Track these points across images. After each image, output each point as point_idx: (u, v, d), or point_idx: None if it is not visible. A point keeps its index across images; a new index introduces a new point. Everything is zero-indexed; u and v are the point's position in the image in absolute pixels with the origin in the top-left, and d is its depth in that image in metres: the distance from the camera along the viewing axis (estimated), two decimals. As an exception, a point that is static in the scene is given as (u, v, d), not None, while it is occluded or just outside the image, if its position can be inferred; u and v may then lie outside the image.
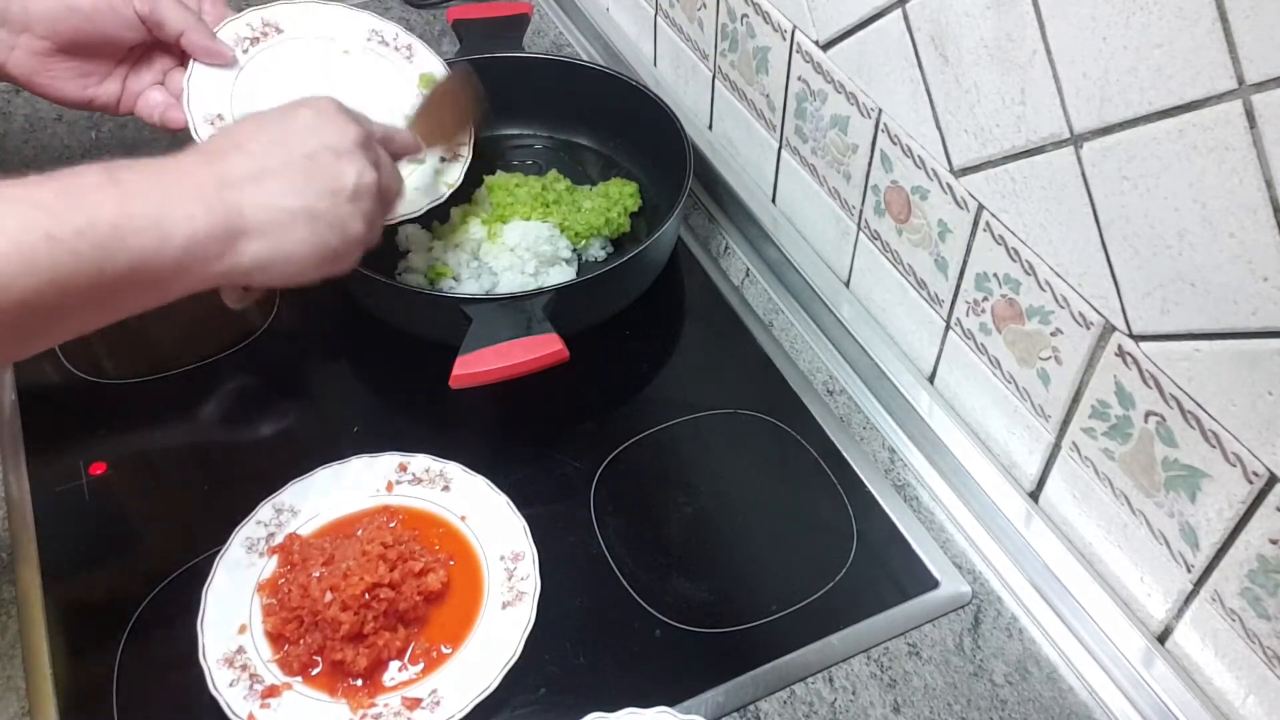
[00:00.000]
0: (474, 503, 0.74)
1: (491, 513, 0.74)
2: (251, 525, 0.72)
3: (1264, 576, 0.58)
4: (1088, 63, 0.58)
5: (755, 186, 0.98)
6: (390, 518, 0.72)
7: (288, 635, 0.66)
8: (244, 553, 0.71)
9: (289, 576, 0.69)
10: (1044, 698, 0.68)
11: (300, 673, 0.66)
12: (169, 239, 0.60)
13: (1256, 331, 0.54)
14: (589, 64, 1.03)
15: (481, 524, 0.73)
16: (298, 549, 0.70)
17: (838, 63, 0.80)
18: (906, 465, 0.81)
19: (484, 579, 0.70)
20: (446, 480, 0.76)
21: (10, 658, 0.67)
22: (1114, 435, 0.65)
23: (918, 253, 0.78)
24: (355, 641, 0.65)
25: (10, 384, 0.82)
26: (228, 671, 0.65)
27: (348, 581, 0.66)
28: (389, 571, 0.67)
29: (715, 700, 0.67)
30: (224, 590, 0.69)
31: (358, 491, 0.75)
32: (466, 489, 0.75)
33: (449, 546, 0.72)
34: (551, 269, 0.88)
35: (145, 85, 0.82)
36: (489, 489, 0.75)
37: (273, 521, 0.73)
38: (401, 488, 0.75)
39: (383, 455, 0.77)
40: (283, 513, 0.73)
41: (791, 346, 0.89)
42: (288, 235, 0.65)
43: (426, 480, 0.76)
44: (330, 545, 0.70)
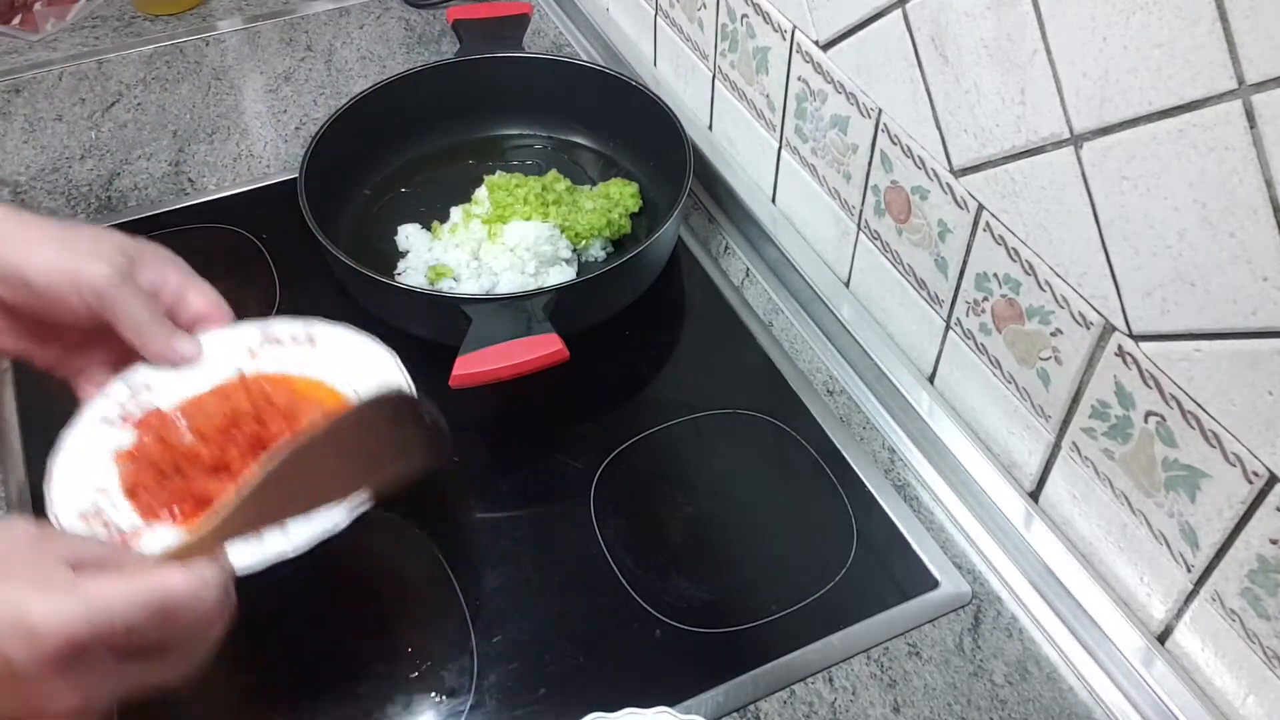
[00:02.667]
0: (341, 352, 0.70)
1: (362, 358, 0.69)
2: (103, 401, 0.65)
3: (1264, 576, 0.58)
4: (1088, 63, 0.58)
5: (755, 186, 0.98)
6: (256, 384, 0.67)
7: (149, 484, 0.61)
8: (97, 425, 0.64)
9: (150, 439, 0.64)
10: (1044, 698, 0.68)
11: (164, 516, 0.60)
12: None
13: (1256, 331, 0.54)
14: (589, 64, 1.03)
15: (351, 370, 0.68)
16: (159, 421, 0.65)
17: (838, 63, 0.80)
18: (906, 465, 0.81)
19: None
20: (311, 338, 0.70)
21: (10, 658, 0.67)
22: (1114, 435, 0.65)
23: (918, 253, 0.78)
24: (220, 473, 0.61)
25: (10, 383, 0.82)
26: (83, 527, 0.59)
27: (204, 413, 0.62)
28: (248, 401, 0.63)
29: (715, 700, 0.67)
30: (76, 459, 0.63)
31: (217, 364, 0.68)
32: (333, 341, 0.70)
33: (317, 393, 0.67)
34: (551, 269, 0.88)
35: (92, 364, 0.68)
36: (356, 335, 0.70)
37: (130, 400, 0.66)
38: (265, 351, 0.69)
39: (241, 325, 0.70)
40: (138, 391, 0.66)
41: (791, 346, 0.89)
42: None
43: (290, 342, 0.70)
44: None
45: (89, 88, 1.11)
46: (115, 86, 1.11)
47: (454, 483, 0.78)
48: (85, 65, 1.13)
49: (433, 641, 0.69)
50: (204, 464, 0.62)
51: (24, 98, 1.09)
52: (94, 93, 1.10)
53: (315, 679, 0.67)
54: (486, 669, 0.68)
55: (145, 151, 1.04)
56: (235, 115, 1.08)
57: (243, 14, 1.22)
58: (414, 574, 0.72)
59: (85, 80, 1.12)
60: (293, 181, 0.86)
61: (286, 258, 0.93)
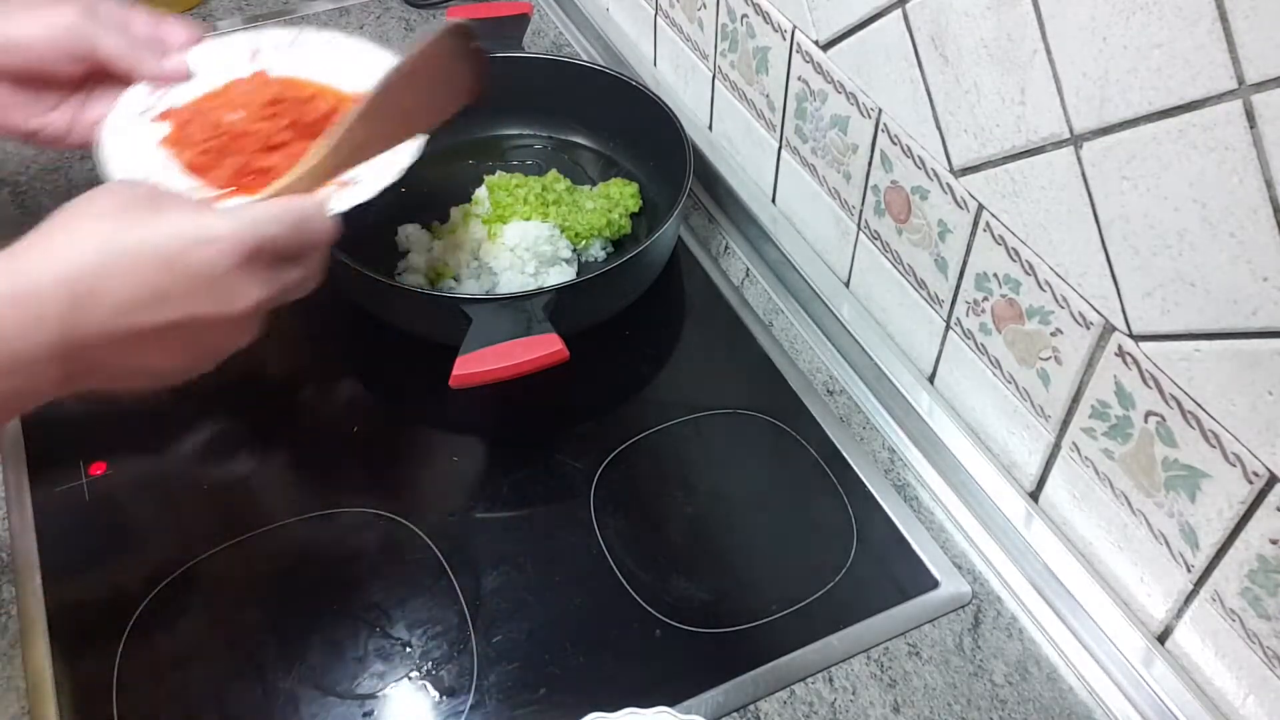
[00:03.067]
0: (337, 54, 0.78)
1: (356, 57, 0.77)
2: (127, 102, 0.73)
3: (1264, 576, 0.58)
4: (1088, 63, 0.58)
5: (755, 186, 0.98)
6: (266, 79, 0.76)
7: (208, 164, 0.69)
8: (132, 119, 0.72)
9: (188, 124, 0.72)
10: (1044, 698, 0.68)
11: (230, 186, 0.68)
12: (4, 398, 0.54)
13: (1256, 331, 0.54)
14: (589, 64, 1.03)
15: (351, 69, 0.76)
16: (191, 111, 0.73)
17: (838, 63, 0.80)
18: (906, 465, 0.81)
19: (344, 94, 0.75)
20: (301, 43, 0.79)
21: (10, 658, 0.67)
22: (1114, 435, 0.65)
23: (918, 253, 0.78)
24: (275, 150, 0.69)
25: (10, 384, 0.82)
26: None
27: (247, 99, 0.71)
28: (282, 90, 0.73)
29: (715, 700, 0.67)
30: (122, 150, 0.70)
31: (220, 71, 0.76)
32: (322, 44, 0.79)
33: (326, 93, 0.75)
34: (551, 269, 0.88)
35: (99, 115, 0.75)
36: (346, 37, 0.79)
37: (151, 96, 0.74)
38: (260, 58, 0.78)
39: (230, 35, 0.79)
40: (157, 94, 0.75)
41: (791, 346, 0.89)
42: (128, 381, 0.59)
43: (285, 47, 0.78)
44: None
45: (89, 88, 1.11)
46: (115, 86, 1.11)
47: (454, 483, 0.78)
48: (85, 65, 1.13)
49: (433, 642, 0.69)
50: (257, 142, 0.69)
51: (24, 98, 1.09)
52: (94, 93, 1.10)
53: (315, 679, 0.67)
54: (486, 669, 0.68)
55: (145, 151, 1.03)
56: (235, 115, 1.08)
57: (243, 14, 1.22)
58: (414, 574, 0.72)
59: (85, 80, 1.11)
60: (293, 181, 0.86)
61: (286, 258, 0.93)
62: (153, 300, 0.55)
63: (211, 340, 0.60)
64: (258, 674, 0.67)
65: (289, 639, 0.69)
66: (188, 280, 0.56)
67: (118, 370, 0.58)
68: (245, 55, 0.79)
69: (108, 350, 0.55)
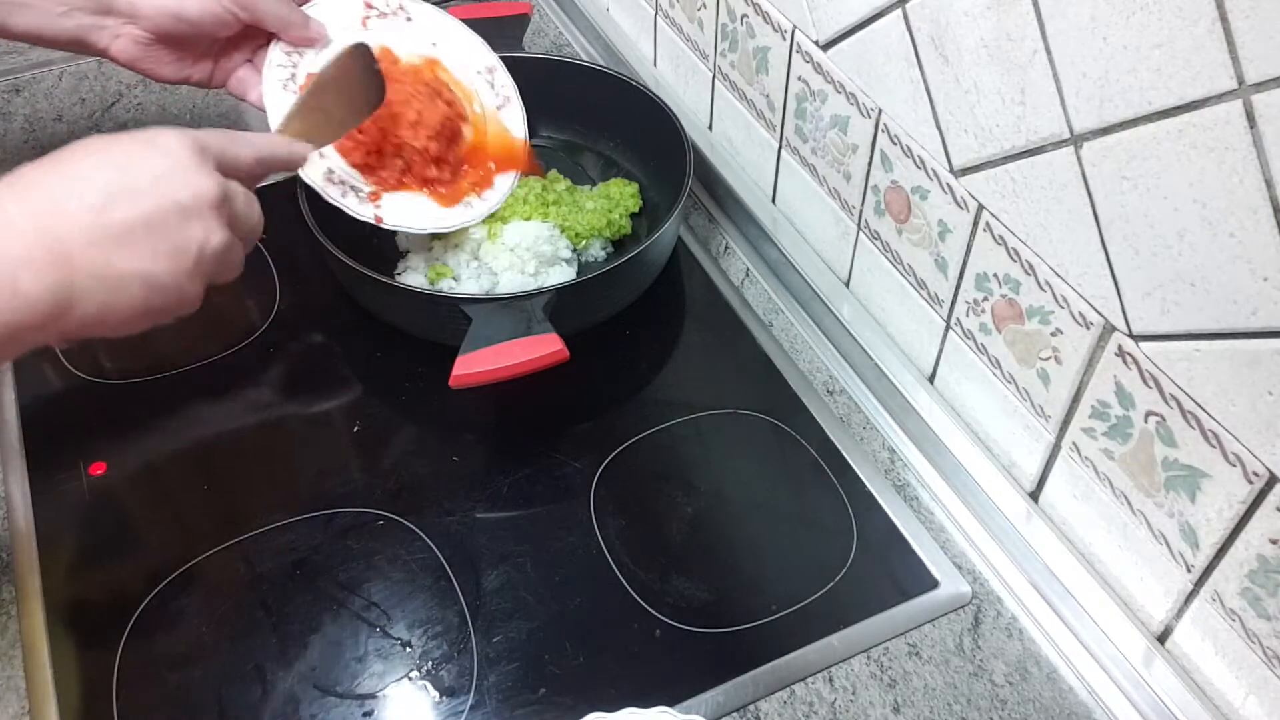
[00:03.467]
0: (437, 29, 0.91)
1: (454, 35, 0.90)
2: (274, 68, 0.84)
3: (1264, 576, 0.58)
4: (1088, 63, 0.58)
5: (755, 186, 0.98)
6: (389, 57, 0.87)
7: (373, 164, 0.84)
8: (280, 90, 0.83)
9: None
10: (1044, 698, 0.68)
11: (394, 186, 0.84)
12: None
13: (1256, 331, 0.54)
14: (589, 64, 1.03)
15: (451, 47, 0.90)
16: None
17: (838, 63, 0.80)
18: (906, 465, 0.81)
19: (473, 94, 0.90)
20: (408, 13, 0.90)
21: (10, 658, 0.67)
22: (1114, 435, 0.65)
23: (918, 253, 0.78)
24: (438, 162, 0.85)
25: (10, 384, 0.82)
26: (334, 188, 0.82)
27: (423, 118, 0.84)
28: (446, 106, 0.86)
29: (715, 700, 0.67)
30: None
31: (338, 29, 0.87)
32: (425, 19, 0.90)
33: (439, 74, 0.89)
34: (551, 269, 0.88)
35: (236, 64, 0.87)
36: (442, 15, 0.90)
37: (288, 61, 0.85)
38: (372, 22, 0.89)
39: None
40: (291, 53, 0.85)
41: (791, 346, 0.89)
42: (118, 300, 0.59)
43: (390, 14, 0.89)
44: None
45: (89, 88, 1.11)
46: (115, 86, 1.11)
47: (454, 483, 0.78)
48: (85, 65, 1.13)
49: (433, 642, 0.69)
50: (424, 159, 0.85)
51: (24, 98, 1.09)
52: (94, 93, 1.10)
53: (315, 678, 0.67)
54: (486, 669, 0.68)
55: (145, 151, 1.04)
56: (235, 115, 1.08)
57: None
58: (414, 574, 0.72)
59: (85, 80, 1.12)
60: (293, 181, 0.86)
61: (286, 258, 0.93)
62: (122, 194, 0.59)
63: (185, 235, 0.61)
64: (258, 674, 0.67)
65: (289, 639, 0.69)
66: (150, 172, 0.61)
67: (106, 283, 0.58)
68: (356, 17, 0.89)
69: (92, 252, 0.58)
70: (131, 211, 0.59)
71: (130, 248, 0.59)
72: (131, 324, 0.62)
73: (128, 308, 0.60)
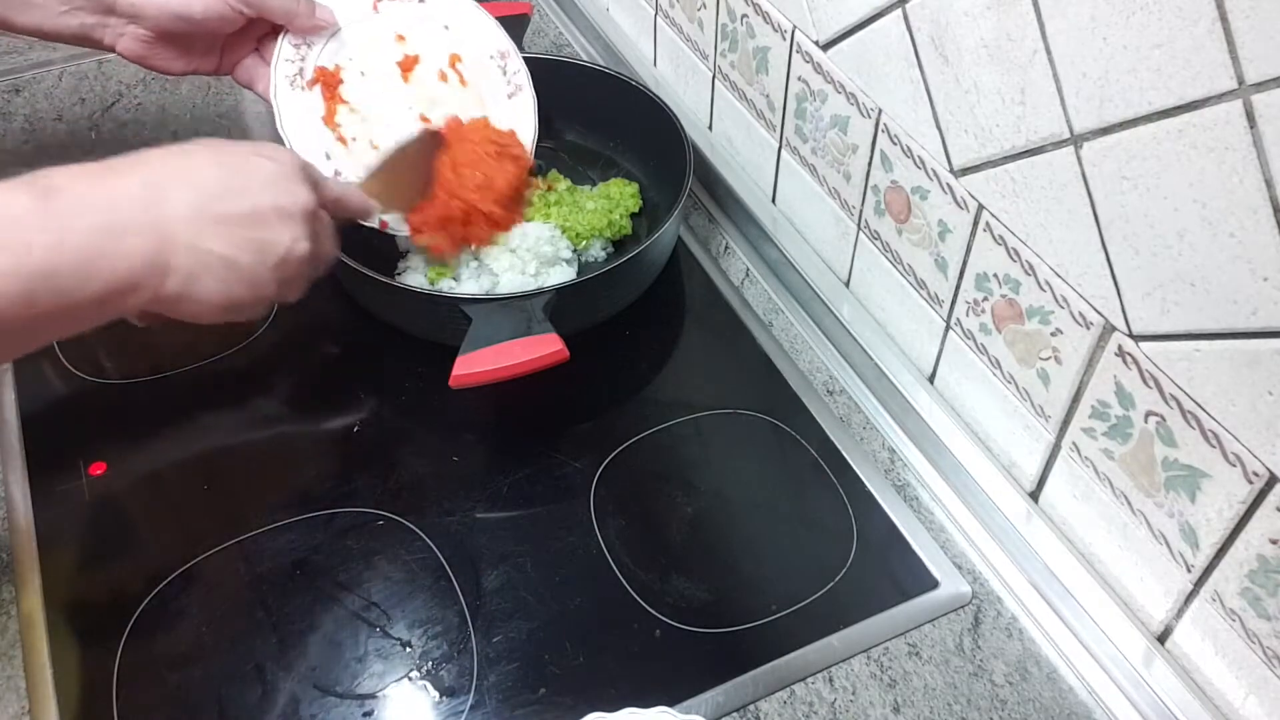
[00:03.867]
0: (450, 12, 0.90)
1: (468, 17, 0.90)
2: (283, 63, 0.84)
3: (1264, 576, 0.58)
4: (1088, 63, 0.58)
5: (755, 186, 0.98)
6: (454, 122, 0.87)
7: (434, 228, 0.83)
8: (289, 87, 0.84)
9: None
10: (1044, 698, 0.68)
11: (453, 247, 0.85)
12: (95, 279, 0.58)
13: (1256, 331, 0.54)
14: (589, 64, 1.03)
15: (465, 31, 0.90)
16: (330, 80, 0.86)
17: (838, 63, 0.80)
18: (906, 465, 0.81)
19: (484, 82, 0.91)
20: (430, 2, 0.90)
21: (10, 658, 0.67)
22: (1114, 435, 0.65)
23: (918, 253, 0.78)
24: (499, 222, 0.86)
25: (10, 384, 0.82)
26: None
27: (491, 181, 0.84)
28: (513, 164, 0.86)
29: (715, 700, 0.67)
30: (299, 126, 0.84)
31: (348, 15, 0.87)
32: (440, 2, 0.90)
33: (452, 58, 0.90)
34: (552, 269, 0.88)
35: (243, 54, 0.87)
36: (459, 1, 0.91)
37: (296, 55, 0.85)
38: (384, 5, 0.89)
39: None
40: (300, 46, 0.85)
41: (791, 346, 0.89)
42: (204, 279, 0.63)
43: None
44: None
45: (89, 88, 1.11)
46: (115, 86, 1.11)
47: (454, 483, 0.78)
48: (85, 65, 1.13)
49: (433, 642, 0.69)
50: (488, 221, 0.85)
51: (24, 98, 1.09)
52: (94, 93, 1.10)
53: (315, 678, 0.67)
54: (486, 669, 0.68)
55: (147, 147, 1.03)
56: (235, 115, 1.08)
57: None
58: (414, 574, 0.72)
59: (85, 80, 1.12)
60: (293, 181, 0.86)
61: (286, 258, 0.93)
62: (231, 189, 0.64)
63: (276, 234, 0.65)
64: (258, 674, 0.67)
65: (289, 639, 0.69)
66: (259, 174, 0.66)
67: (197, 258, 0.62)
68: (368, 2, 0.89)
69: (191, 229, 0.62)
70: (235, 203, 0.64)
71: (226, 233, 0.63)
72: (211, 308, 0.65)
73: (210, 289, 0.64)
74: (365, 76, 0.88)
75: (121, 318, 0.62)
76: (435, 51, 0.91)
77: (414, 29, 0.90)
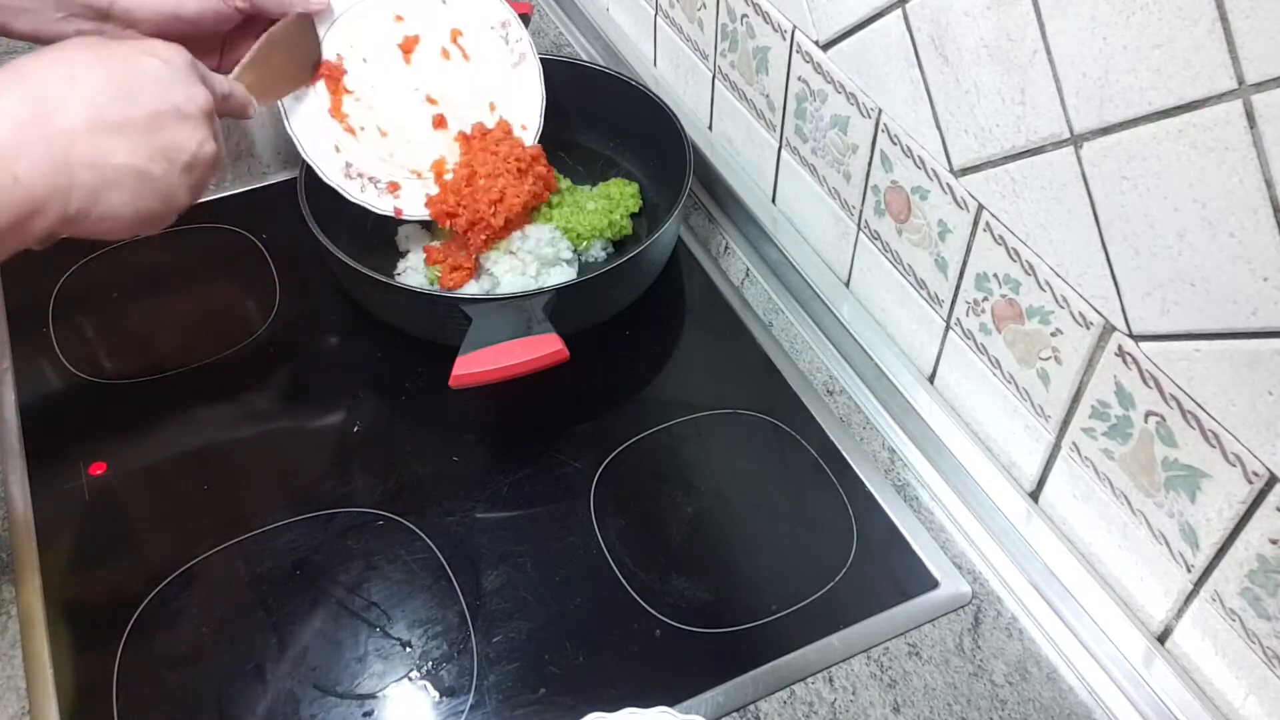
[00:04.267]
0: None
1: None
2: None
3: (1264, 576, 0.58)
4: (1088, 63, 0.58)
5: (755, 186, 0.98)
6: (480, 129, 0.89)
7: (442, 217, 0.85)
8: None
9: None
10: (1044, 698, 0.68)
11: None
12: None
13: (1256, 331, 0.54)
14: (589, 64, 1.03)
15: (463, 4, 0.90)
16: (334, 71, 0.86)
17: (838, 63, 0.80)
18: (906, 465, 0.81)
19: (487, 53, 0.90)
20: None
21: (10, 658, 0.67)
22: (1114, 435, 0.65)
23: (918, 253, 0.78)
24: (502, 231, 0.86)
25: (10, 383, 0.82)
26: (352, 183, 0.84)
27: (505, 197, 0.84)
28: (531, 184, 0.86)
29: (715, 700, 0.67)
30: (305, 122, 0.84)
31: None
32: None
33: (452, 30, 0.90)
34: (552, 270, 0.88)
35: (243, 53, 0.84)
36: None
37: None
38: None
39: None
40: None
41: (791, 346, 0.89)
42: (111, 195, 0.60)
43: None
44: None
45: (89, 88, 1.11)
46: (115, 86, 1.11)
47: (454, 483, 0.78)
48: (85, 65, 1.13)
49: (433, 642, 0.69)
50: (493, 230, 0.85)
51: (24, 98, 1.09)
52: (94, 93, 1.10)
53: (315, 678, 0.67)
54: (486, 669, 0.68)
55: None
56: (235, 115, 1.08)
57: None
58: (414, 574, 0.72)
59: (85, 80, 1.11)
60: (293, 181, 0.86)
61: (286, 258, 0.93)
62: (123, 91, 0.60)
63: (180, 137, 0.63)
64: (258, 674, 0.67)
65: (289, 639, 0.69)
66: (150, 74, 0.62)
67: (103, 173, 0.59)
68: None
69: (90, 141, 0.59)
70: (131, 109, 0.60)
71: (128, 142, 0.60)
72: (122, 223, 0.62)
73: (120, 203, 0.61)
74: (367, 63, 0.88)
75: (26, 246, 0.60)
76: (435, 28, 0.90)
77: (411, 8, 0.90)
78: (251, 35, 0.85)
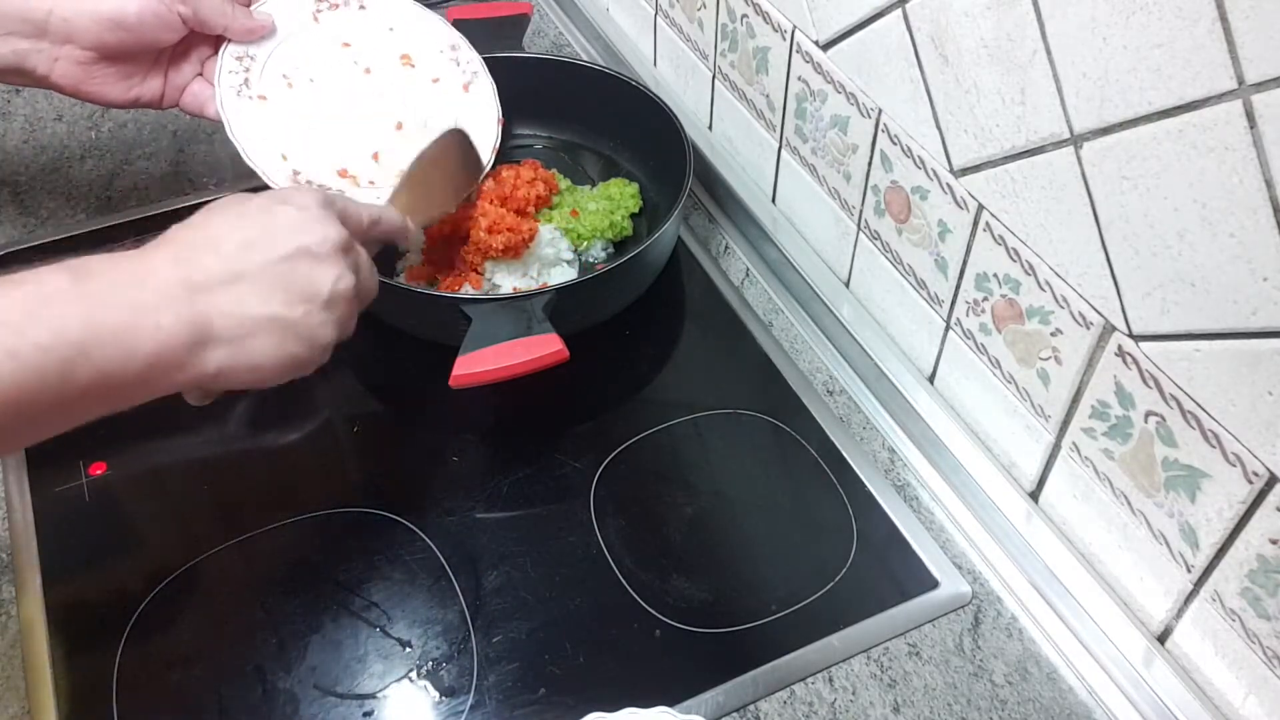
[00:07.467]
0: (393, 14, 0.90)
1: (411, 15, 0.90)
2: (226, 75, 0.82)
3: (1264, 576, 0.58)
4: (1088, 63, 0.58)
5: (755, 186, 0.98)
6: None
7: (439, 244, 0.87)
8: (235, 97, 0.82)
9: None
10: (1044, 698, 0.68)
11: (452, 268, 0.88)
12: (135, 352, 0.57)
13: (1256, 331, 0.54)
14: (589, 64, 1.03)
15: (409, 30, 0.90)
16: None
17: (838, 63, 0.80)
18: (906, 465, 0.81)
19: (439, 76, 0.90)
20: (360, 1, 0.89)
21: (10, 658, 0.67)
22: (1114, 435, 0.65)
23: (918, 253, 0.78)
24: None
25: (10, 384, 0.82)
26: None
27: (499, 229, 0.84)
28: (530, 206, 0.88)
29: (715, 700, 0.67)
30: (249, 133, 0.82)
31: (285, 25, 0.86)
32: (379, 5, 0.89)
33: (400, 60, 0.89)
34: (553, 270, 0.88)
35: (187, 79, 0.84)
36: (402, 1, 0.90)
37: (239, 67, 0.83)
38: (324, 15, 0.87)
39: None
40: (243, 58, 0.83)
41: (791, 346, 0.89)
42: (254, 344, 0.61)
43: (342, 4, 0.88)
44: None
45: (89, 88, 1.11)
46: (115, 86, 1.11)
47: (454, 483, 0.78)
48: (85, 65, 1.13)
49: (433, 642, 0.69)
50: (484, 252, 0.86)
51: (24, 98, 1.09)
52: (94, 93, 1.10)
53: (315, 678, 0.67)
54: (486, 669, 0.68)
55: (145, 151, 1.04)
56: (234, 116, 1.08)
57: None
58: (414, 574, 0.72)
59: (85, 80, 1.11)
60: (293, 182, 0.86)
61: (286, 258, 0.93)
62: (256, 242, 0.62)
63: (315, 278, 0.63)
64: (258, 674, 0.67)
65: (289, 639, 0.69)
66: (282, 223, 0.63)
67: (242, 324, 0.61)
68: (308, 12, 0.87)
69: (227, 292, 0.60)
70: (265, 256, 0.61)
71: (264, 291, 0.61)
72: (270, 370, 0.63)
73: (263, 350, 0.62)
74: (315, 83, 0.87)
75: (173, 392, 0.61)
76: (384, 55, 0.90)
77: (358, 35, 0.89)
78: (197, 59, 0.84)
